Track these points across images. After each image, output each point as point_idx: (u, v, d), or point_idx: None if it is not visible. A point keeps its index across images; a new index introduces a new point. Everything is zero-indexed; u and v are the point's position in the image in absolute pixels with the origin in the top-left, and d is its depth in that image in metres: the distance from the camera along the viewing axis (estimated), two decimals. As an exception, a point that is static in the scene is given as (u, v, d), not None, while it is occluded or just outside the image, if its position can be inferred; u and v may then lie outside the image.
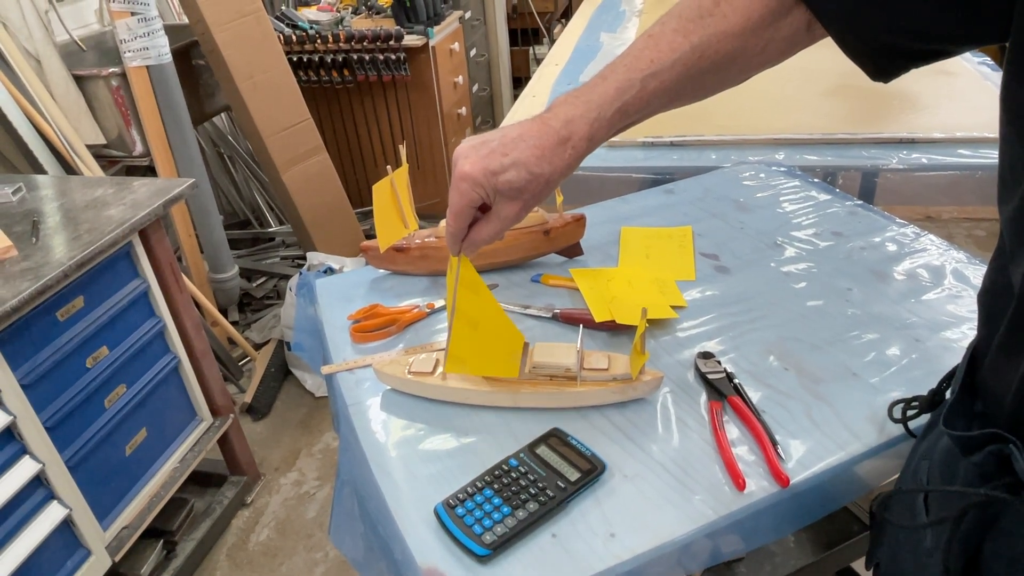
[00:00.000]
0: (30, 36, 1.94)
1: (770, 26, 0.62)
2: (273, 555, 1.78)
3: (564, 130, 0.64)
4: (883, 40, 0.56)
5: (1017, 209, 0.48)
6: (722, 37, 0.62)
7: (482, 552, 0.62)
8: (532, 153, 0.64)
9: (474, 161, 0.64)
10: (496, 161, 0.64)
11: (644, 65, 0.64)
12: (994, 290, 0.52)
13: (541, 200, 0.67)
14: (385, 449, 0.77)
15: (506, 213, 0.66)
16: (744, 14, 0.62)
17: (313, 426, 2.17)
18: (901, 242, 1.08)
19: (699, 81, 0.65)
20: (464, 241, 0.69)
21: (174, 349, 1.61)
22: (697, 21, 0.63)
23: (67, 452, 1.32)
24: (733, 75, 0.66)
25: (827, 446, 0.72)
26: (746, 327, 0.91)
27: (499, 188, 0.64)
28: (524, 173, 0.64)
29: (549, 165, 0.64)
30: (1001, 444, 0.48)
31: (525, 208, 0.67)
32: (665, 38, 0.64)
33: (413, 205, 1.03)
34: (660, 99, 0.65)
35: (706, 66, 0.63)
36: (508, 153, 0.64)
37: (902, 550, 0.61)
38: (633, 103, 0.64)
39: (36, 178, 1.63)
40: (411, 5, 2.71)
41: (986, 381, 0.54)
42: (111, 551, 1.42)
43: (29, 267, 1.23)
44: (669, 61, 0.63)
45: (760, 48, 0.63)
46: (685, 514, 0.66)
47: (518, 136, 0.64)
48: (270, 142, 2.32)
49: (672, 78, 0.63)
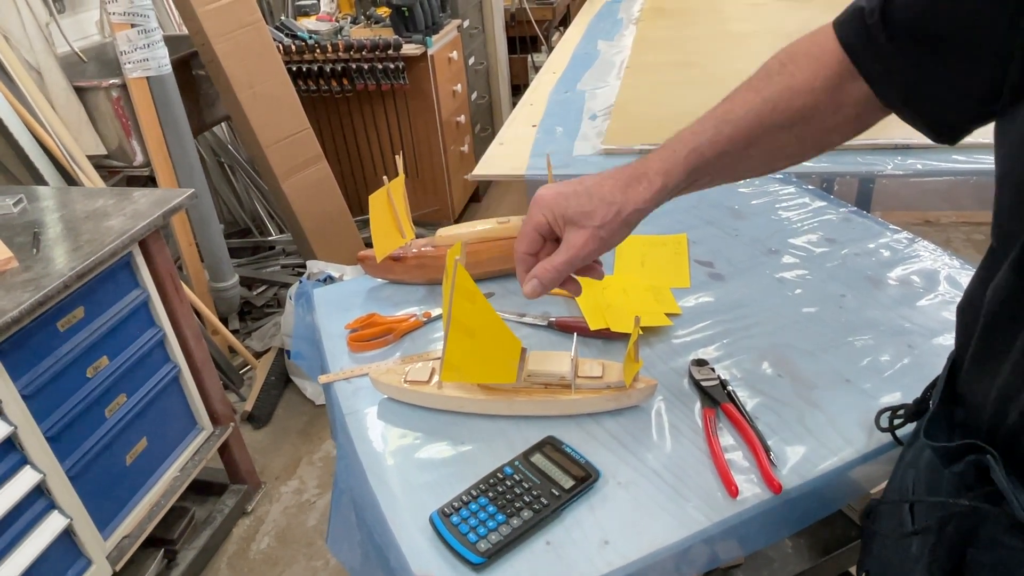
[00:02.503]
0: (31, 48, 1.96)
1: (838, 89, 0.63)
2: (274, 563, 1.78)
3: (640, 167, 0.66)
4: (936, 111, 0.58)
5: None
6: (791, 92, 0.64)
7: (477, 560, 0.63)
8: (605, 184, 0.66)
9: (550, 190, 0.67)
10: (569, 187, 0.66)
11: (719, 114, 0.66)
12: (971, 303, 0.53)
13: (617, 233, 0.67)
14: (381, 457, 0.77)
15: (574, 241, 0.66)
16: (810, 74, 0.64)
17: (313, 434, 2.18)
18: (895, 248, 1.08)
19: (774, 136, 0.66)
20: (539, 274, 0.68)
21: (174, 358, 1.62)
22: (766, 79, 0.66)
23: (68, 462, 1.33)
24: (810, 136, 0.67)
25: (820, 452, 0.73)
26: (740, 334, 0.91)
27: (569, 214, 0.66)
28: (596, 200, 0.65)
29: (622, 195, 0.65)
30: (980, 455, 0.49)
31: (596, 238, 0.66)
32: (738, 95, 0.67)
33: (410, 214, 1.04)
34: (735, 146, 0.65)
35: (779, 119, 0.64)
36: (583, 183, 0.67)
37: (890, 558, 0.61)
38: (708, 146, 0.65)
39: (37, 189, 1.64)
40: (409, 14, 2.72)
41: (964, 392, 0.55)
42: (112, 560, 1.43)
43: (30, 278, 1.24)
44: (742, 111, 0.65)
45: (833, 109, 0.64)
46: (678, 521, 0.66)
47: (596, 178, 0.67)
48: (270, 151, 2.33)
49: (746, 126, 0.65)
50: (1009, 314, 0.48)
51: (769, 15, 2.55)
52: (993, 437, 0.50)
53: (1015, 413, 0.48)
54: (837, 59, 0.63)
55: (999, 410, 0.49)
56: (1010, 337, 0.48)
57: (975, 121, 0.57)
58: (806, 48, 0.66)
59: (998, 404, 0.49)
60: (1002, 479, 0.47)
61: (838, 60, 0.63)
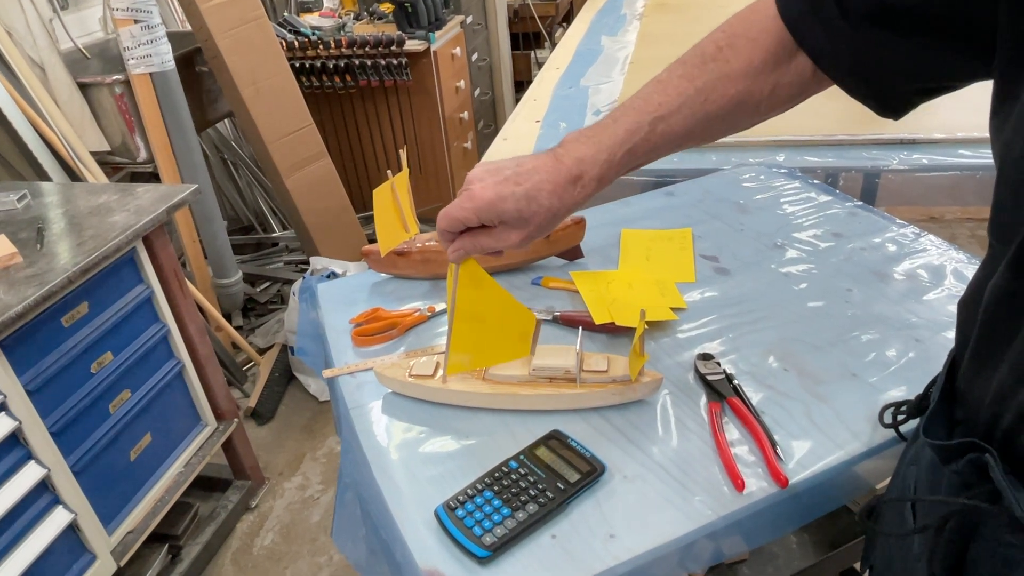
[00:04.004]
0: (35, 44, 1.96)
1: (774, 71, 0.63)
2: (278, 559, 1.78)
3: (576, 168, 0.65)
4: (885, 83, 0.58)
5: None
6: (726, 80, 0.64)
7: (482, 553, 0.63)
8: (543, 187, 0.65)
9: (487, 186, 0.65)
10: (508, 189, 0.65)
11: (652, 108, 0.65)
12: (972, 299, 0.53)
13: (544, 233, 0.68)
14: (386, 452, 0.77)
15: (507, 237, 0.67)
16: (746, 58, 0.63)
17: (317, 430, 2.18)
18: (901, 243, 1.08)
19: (707, 125, 0.66)
20: (457, 242, 0.69)
21: (178, 354, 1.62)
22: (701, 66, 0.65)
23: (72, 457, 1.33)
24: (742, 119, 0.67)
25: (827, 446, 0.73)
26: (746, 328, 0.91)
27: (505, 217, 0.65)
28: (533, 205, 0.65)
29: (558, 200, 0.65)
30: (979, 453, 0.48)
31: (527, 238, 0.67)
32: (672, 83, 0.66)
33: (414, 209, 1.04)
34: (668, 141, 0.66)
35: (712, 109, 0.64)
36: (521, 183, 0.65)
37: (893, 555, 0.61)
38: (641, 145, 0.65)
39: (41, 185, 1.64)
40: (412, 10, 2.72)
41: (963, 390, 0.54)
42: (116, 556, 1.43)
43: (34, 273, 1.24)
44: (676, 104, 0.65)
45: (767, 92, 0.64)
46: (684, 515, 0.66)
47: (532, 169, 0.66)
48: (273, 147, 2.33)
49: (679, 121, 0.65)
50: (1006, 313, 0.48)
51: (773, 10, 2.54)
52: (991, 435, 0.49)
53: (1012, 412, 0.47)
54: (776, 38, 0.62)
55: (996, 409, 0.49)
56: (1008, 336, 0.47)
57: (925, 96, 0.57)
58: (744, 28, 0.65)
59: (995, 403, 0.49)
60: (1000, 478, 0.46)
61: (777, 39, 0.62)
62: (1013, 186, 0.46)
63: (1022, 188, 0.45)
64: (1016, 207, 0.46)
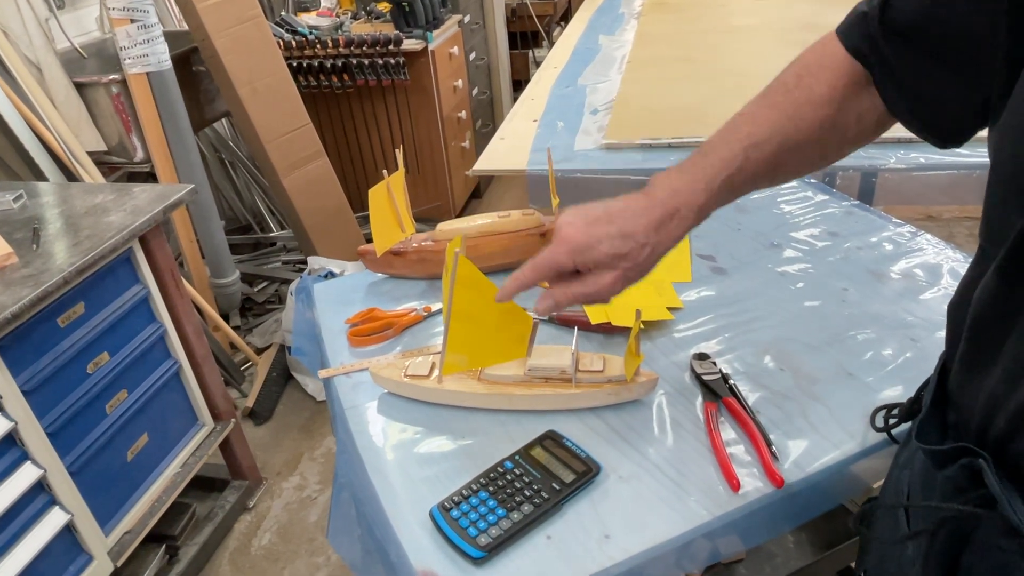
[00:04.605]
0: (31, 44, 1.95)
1: (856, 97, 0.63)
2: (275, 559, 1.78)
3: (671, 201, 0.64)
4: (942, 119, 0.58)
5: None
6: (812, 106, 0.63)
7: (477, 554, 0.62)
8: (638, 223, 0.63)
9: (578, 227, 0.64)
10: (601, 229, 0.64)
11: (743, 137, 0.64)
12: (961, 302, 0.53)
13: (644, 273, 0.66)
14: (381, 452, 0.77)
15: (600, 281, 0.64)
16: (828, 84, 0.63)
17: (315, 430, 2.18)
18: (898, 242, 1.08)
19: (799, 152, 0.65)
20: (556, 295, 0.66)
21: (175, 354, 1.62)
22: (785, 95, 0.65)
23: (68, 458, 1.33)
24: (832, 147, 0.66)
25: (822, 446, 0.72)
26: (742, 328, 0.91)
27: (599, 257, 0.64)
28: (629, 242, 0.63)
29: (656, 235, 0.64)
30: (972, 458, 0.48)
31: (623, 279, 0.64)
32: (759, 113, 0.65)
33: (410, 209, 1.03)
34: (763, 170, 0.65)
35: (802, 137, 0.64)
36: (614, 222, 0.64)
37: (887, 560, 0.61)
38: (738, 174, 0.64)
39: (37, 185, 1.63)
40: (410, 10, 2.71)
41: (954, 394, 0.54)
42: (113, 556, 1.43)
43: (30, 274, 1.24)
44: (766, 132, 0.64)
45: (853, 118, 0.64)
46: (680, 515, 0.66)
47: (624, 207, 0.65)
48: (270, 147, 2.33)
49: (772, 148, 0.64)
50: (994, 319, 0.47)
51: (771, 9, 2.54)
52: (983, 440, 0.49)
53: (1004, 418, 0.47)
54: (849, 66, 0.62)
55: (988, 414, 0.48)
56: (997, 342, 0.47)
57: (979, 124, 0.56)
58: (817, 58, 0.65)
59: (987, 408, 0.48)
60: (994, 483, 0.46)
61: (851, 66, 0.62)
62: (1002, 189, 0.46)
63: (1010, 191, 0.45)
64: (1005, 210, 0.46)
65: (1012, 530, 0.45)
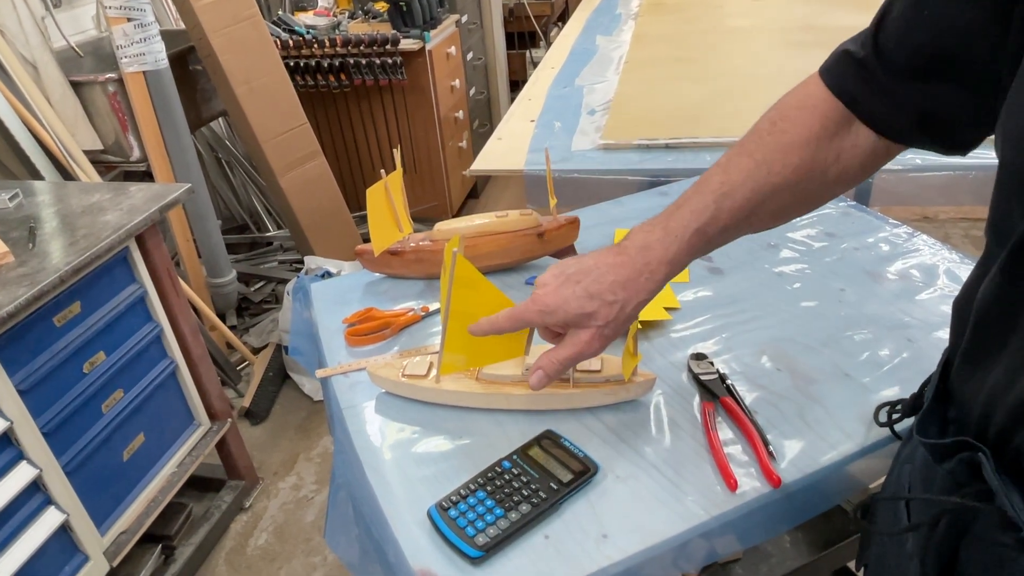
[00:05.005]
0: (27, 42, 1.95)
1: (835, 136, 0.63)
2: (272, 559, 1.78)
3: (640, 258, 0.65)
4: (952, 134, 0.59)
5: None
6: (786, 150, 0.63)
7: (475, 554, 0.62)
8: (604, 281, 0.64)
9: (549, 289, 0.66)
10: (568, 289, 0.65)
11: (715, 187, 0.65)
12: (965, 300, 0.53)
13: (621, 329, 0.67)
14: (379, 452, 0.77)
15: (579, 341, 0.66)
16: (804, 126, 0.63)
17: (311, 430, 2.18)
18: (894, 242, 1.08)
19: (776, 198, 0.65)
20: (543, 365, 0.68)
21: (172, 354, 1.61)
22: (758, 141, 0.65)
23: (64, 457, 1.32)
24: (813, 190, 0.66)
25: (819, 446, 0.73)
26: (739, 328, 0.91)
27: (568, 318, 0.65)
28: (595, 302, 0.64)
29: (624, 292, 0.64)
30: (972, 452, 0.49)
31: (600, 337, 0.66)
32: (732, 162, 0.65)
33: (407, 208, 1.03)
34: (737, 219, 0.65)
35: (778, 181, 0.64)
36: (580, 281, 0.65)
37: (887, 553, 0.61)
38: (711, 224, 0.64)
39: (33, 184, 1.63)
40: (407, 9, 2.71)
41: (955, 390, 0.54)
42: (109, 556, 1.42)
43: (26, 273, 1.23)
44: (739, 179, 0.64)
45: (832, 158, 0.63)
46: (677, 515, 0.66)
47: (593, 265, 0.66)
48: (267, 147, 2.32)
49: (745, 195, 0.64)
50: (997, 316, 0.48)
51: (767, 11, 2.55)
52: (983, 435, 0.50)
53: (1003, 413, 0.47)
54: (830, 107, 0.62)
55: (988, 409, 0.49)
56: (999, 338, 0.47)
57: (988, 129, 0.57)
58: (796, 101, 0.65)
59: (987, 403, 0.49)
60: (993, 477, 0.47)
61: (831, 108, 0.62)
62: (1006, 189, 0.47)
63: (1013, 191, 0.46)
64: (1008, 210, 0.46)
65: (1009, 523, 0.46)
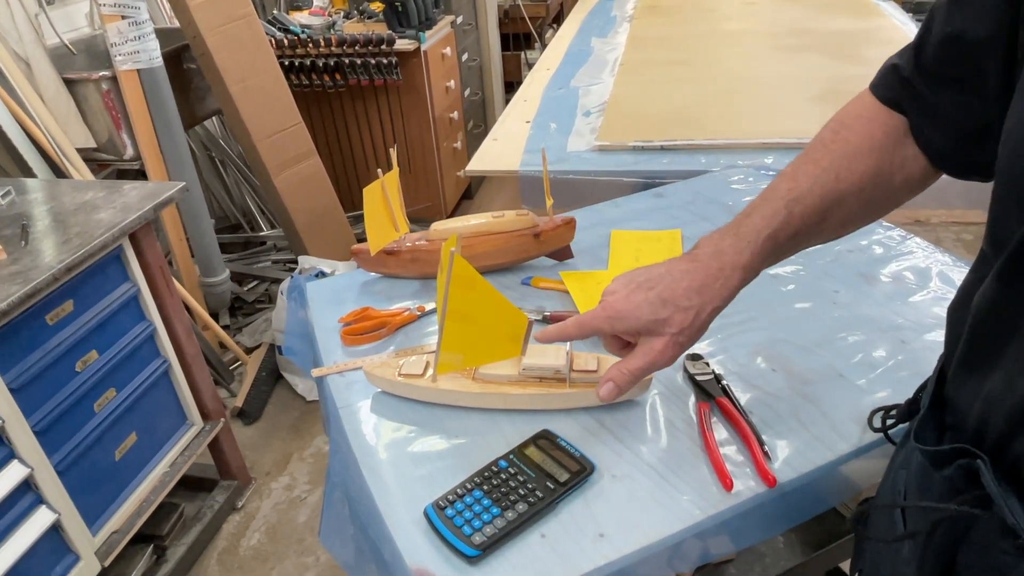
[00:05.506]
0: (20, 39, 1.93)
1: (898, 145, 0.63)
2: (264, 560, 1.77)
3: (714, 262, 0.64)
4: (975, 147, 0.59)
5: None
6: (852, 157, 0.64)
7: (471, 553, 0.63)
8: (678, 287, 0.64)
9: (619, 296, 0.65)
10: (640, 295, 0.64)
11: (783, 193, 0.65)
12: (961, 305, 0.53)
13: (696, 337, 0.65)
14: (375, 451, 0.77)
15: (653, 347, 0.65)
16: (866, 134, 0.63)
17: (304, 430, 2.17)
18: (888, 245, 1.09)
19: (844, 204, 0.65)
20: (614, 376, 0.67)
21: (164, 353, 1.60)
22: (823, 150, 0.65)
23: (56, 456, 1.32)
24: (880, 196, 0.66)
25: (814, 447, 0.73)
26: (734, 329, 0.91)
27: (640, 325, 0.64)
28: (669, 307, 0.63)
29: (699, 298, 0.64)
30: (969, 459, 0.48)
31: (674, 344, 0.64)
32: (798, 170, 0.66)
33: (404, 208, 1.03)
34: (808, 225, 0.65)
35: (845, 188, 0.64)
36: (653, 287, 0.64)
37: (883, 559, 0.61)
38: (783, 229, 0.64)
39: (26, 182, 1.62)
40: (403, 10, 2.71)
41: (951, 396, 0.55)
42: (100, 556, 1.41)
43: (18, 271, 1.23)
44: (807, 186, 0.64)
45: (898, 165, 0.64)
46: (673, 515, 0.66)
47: (665, 272, 0.65)
48: (261, 146, 2.32)
49: (814, 202, 0.64)
50: (994, 322, 0.48)
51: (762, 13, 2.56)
52: (980, 441, 0.50)
53: (1000, 420, 0.47)
54: (886, 116, 0.63)
55: (985, 415, 0.49)
56: (997, 344, 0.47)
57: None
58: (855, 112, 0.66)
59: (984, 409, 0.49)
60: (992, 484, 0.46)
61: (887, 116, 0.63)
62: (1003, 195, 0.47)
63: (1010, 197, 0.46)
64: (1005, 217, 0.47)
65: (1008, 530, 0.46)
